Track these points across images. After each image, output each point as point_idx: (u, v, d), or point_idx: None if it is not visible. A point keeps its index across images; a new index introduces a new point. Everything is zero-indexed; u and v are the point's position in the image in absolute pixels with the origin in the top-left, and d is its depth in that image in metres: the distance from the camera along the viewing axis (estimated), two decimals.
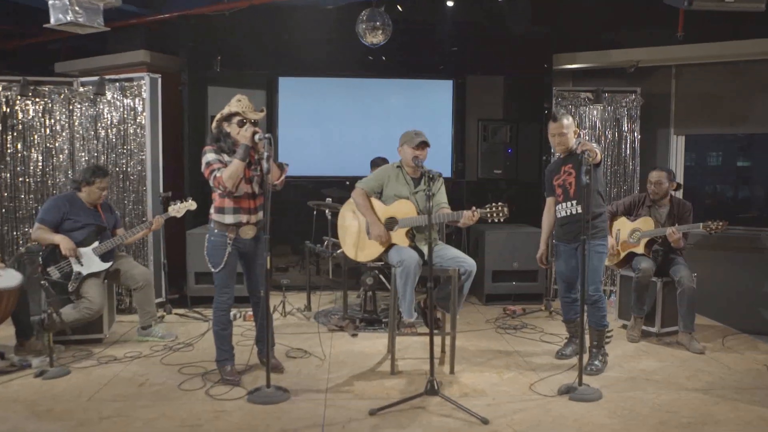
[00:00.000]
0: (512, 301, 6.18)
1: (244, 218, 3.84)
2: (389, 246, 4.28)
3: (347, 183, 6.62)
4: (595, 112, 6.50)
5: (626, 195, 6.28)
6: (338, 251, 5.39)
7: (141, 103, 5.81)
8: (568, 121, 4.22)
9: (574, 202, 4.20)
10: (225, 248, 3.81)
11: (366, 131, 7.24)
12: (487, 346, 4.83)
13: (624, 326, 5.22)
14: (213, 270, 3.85)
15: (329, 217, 5.85)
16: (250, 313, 4.65)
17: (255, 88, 7.11)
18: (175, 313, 5.72)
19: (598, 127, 6.49)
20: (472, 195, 7.11)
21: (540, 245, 4.56)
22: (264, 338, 3.93)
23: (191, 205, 4.95)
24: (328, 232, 5.87)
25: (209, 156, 3.75)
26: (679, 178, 6.69)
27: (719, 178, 7.38)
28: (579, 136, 4.31)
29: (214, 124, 3.85)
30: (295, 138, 7.20)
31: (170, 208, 4.93)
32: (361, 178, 4.50)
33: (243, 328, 5.16)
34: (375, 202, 4.39)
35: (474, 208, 4.01)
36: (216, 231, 3.84)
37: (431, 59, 7.20)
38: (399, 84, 7.32)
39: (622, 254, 5.10)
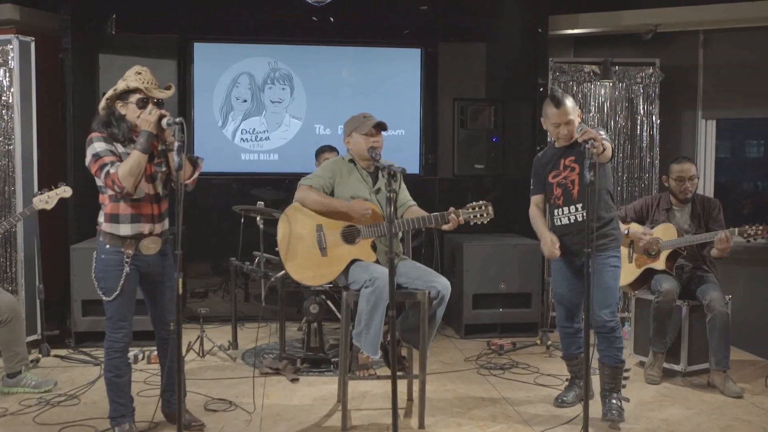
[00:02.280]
0: (499, 334, 6.23)
1: (145, 228, 3.81)
2: (349, 263, 4.27)
3: (286, 182, 6.59)
4: (602, 90, 6.61)
5: (643, 195, 6.38)
6: (278, 274, 5.37)
7: (8, 75, 5.72)
8: (571, 102, 4.19)
9: (579, 206, 4.20)
10: (121, 269, 3.77)
11: (309, 114, 7.24)
12: (466, 391, 4.87)
13: (641, 364, 5.31)
14: (105, 298, 3.80)
15: (261, 225, 5.81)
16: (156, 353, 4.59)
17: (162, 57, 7.05)
18: (54, 355, 5.62)
19: (607, 109, 6.60)
20: (447, 197, 7.11)
21: (542, 236, 4.32)
22: (174, 387, 3.88)
23: (65, 191, 4.87)
24: (259, 246, 5.83)
25: (98, 146, 3.70)
26: (709, 172, 6.85)
27: (760, 173, 7.57)
28: (582, 120, 4.36)
29: (103, 104, 3.80)
30: (214, 123, 7.16)
31: (36, 199, 4.82)
32: (304, 174, 4.48)
33: (147, 373, 5.10)
34: None
35: (452, 209, 4.04)
36: (108, 246, 3.79)
37: (393, 21, 7.20)
38: (352, 53, 7.33)
39: (639, 270, 5.20)
